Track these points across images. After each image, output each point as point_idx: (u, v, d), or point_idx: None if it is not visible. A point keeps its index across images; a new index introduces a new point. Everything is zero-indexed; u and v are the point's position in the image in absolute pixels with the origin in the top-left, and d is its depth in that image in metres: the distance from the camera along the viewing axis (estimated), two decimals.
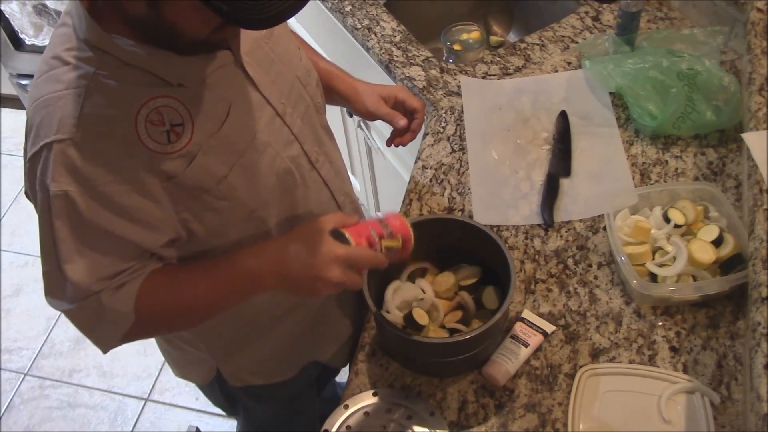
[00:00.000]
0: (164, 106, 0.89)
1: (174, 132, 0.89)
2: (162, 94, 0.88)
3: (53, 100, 0.86)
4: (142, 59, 0.87)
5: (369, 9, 1.74)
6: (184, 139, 0.90)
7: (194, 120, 0.91)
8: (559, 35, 1.62)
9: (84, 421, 2.26)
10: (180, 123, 0.90)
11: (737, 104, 1.32)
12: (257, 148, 0.98)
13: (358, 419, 1.08)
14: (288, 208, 1.08)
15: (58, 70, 0.87)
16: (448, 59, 1.79)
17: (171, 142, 0.89)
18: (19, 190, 2.91)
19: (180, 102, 0.90)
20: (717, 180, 1.31)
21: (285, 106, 1.04)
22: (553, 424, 1.06)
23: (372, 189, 2.24)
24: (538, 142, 1.43)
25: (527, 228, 1.30)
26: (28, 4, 2.46)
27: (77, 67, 0.86)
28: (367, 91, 1.24)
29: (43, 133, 0.87)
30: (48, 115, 0.86)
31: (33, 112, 0.88)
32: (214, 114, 0.94)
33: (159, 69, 0.88)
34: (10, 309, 2.55)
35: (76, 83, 0.85)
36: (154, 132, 0.88)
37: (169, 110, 0.89)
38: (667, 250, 1.17)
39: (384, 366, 1.15)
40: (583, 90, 1.50)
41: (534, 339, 1.13)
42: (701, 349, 1.12)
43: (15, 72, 2.87)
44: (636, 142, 1.40)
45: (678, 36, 1.47)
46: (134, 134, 0.87)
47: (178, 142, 0.90)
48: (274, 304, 1.19)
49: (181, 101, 0.90)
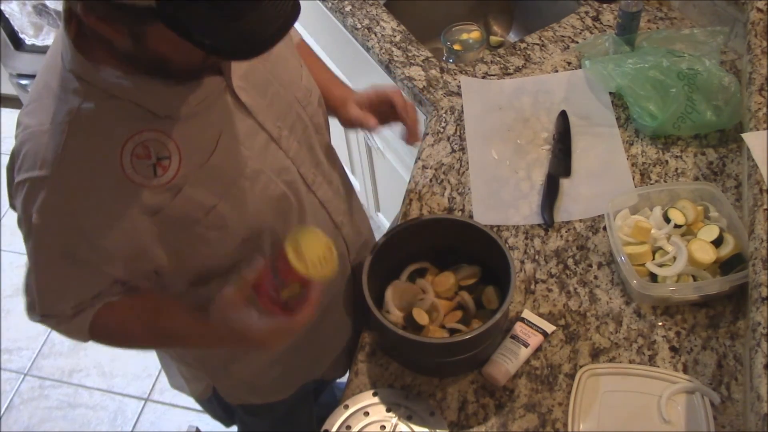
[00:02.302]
0: (151, 140, 0.87)
1: (160, 165, 0.87)
2: (148, 128, 0.86)
3: (37, 134, 0.85)
4: (129, 91, 0.85)
5: (369, 9, 1.74)
6: (171, 172, 0.88)
7: (181, 152, 0.89)
8: (559, 35, 1.62)
9: (84, 421, 2.26)
10: (167, 156, 0.88)
11: (737, 104, 1.32)
12: (249, 176, 0.96)
13: (358, 419, 1.08)
14: (283, 231, 1.05)
15: (45, 102, 0.86)
16: (448, 59, 1.79)
17: (157, 176, 0.87)
18: None
19: (167, 135, 0.88)
20: (717, 180, 1.31)
21: (281, 129, 1.01)
22: (553, 424, 1.06)
23: (372, 189, 2.24)
24: (538, 142, 1.43)
25: (527, 228, 1.30)
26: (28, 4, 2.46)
27: (63, 99, 0.85)
28: (346, 101, 1.19)
29: (26, 165, 0.86)
30: (32, 150, 0.86)
31: (20, 142, 0.88)
32: (203, 144, 0.91)
33: (146, 101, 0.86)
34: (10, 309, 2.55)
35: (60, 118, 0.84)
36: (139, 166, 0.86)
37: (155, 143, 0.87)
38: (667, 250, 1.17)
39: (384, 366, 1.15)
40: (583, 90, 1.50)
41: (534, 339, 1.13)
42: (701, 349, 1.12)
43: (15, 72, 2.87)
44: (636, 142, 1.40)
45: (678, 36, 1.47)
46: (119, 169, 0.85)
47: (164, 175, 0.88)
48: None
49: (168, 134, 0.88)
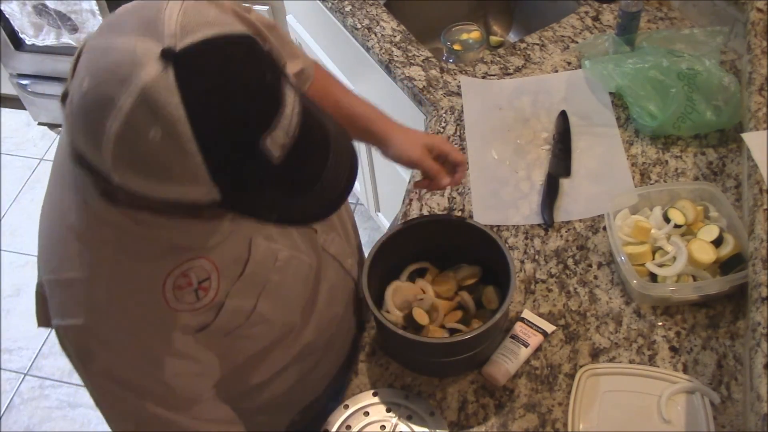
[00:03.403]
0: (189, 268, 0.85)
1: (202, 288, 0.86)
2: (186, 258, 0.84)
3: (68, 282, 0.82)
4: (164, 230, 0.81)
5: (369, 9, 1.74)
6: (212, 292, 0.87)
7: (219, 269, 0.87)
8: (559, 35, 1.62)
9: (84, 421, 2.26)
10: (207, 278, 0.86)
11: (737, 104, 1.32)
12: (280, 268, 0.96)
13: (358, 419, 1.08)
14: (309, 298, 1.06)
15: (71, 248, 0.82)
16: (448, 59, 1.79)
17: (200, 299, 0.86)
18: (19, 190, 2.91)
19: (204, 258, 0.86)
20: (717, 180, 1.31)
21: None
22: (553, 424, 1.06)
23: (372, 189, 2.24)
24: (538, 142, 1.43)
25: (527, 228, 1.30)
26: (28, 4, 2.46)
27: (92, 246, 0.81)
28: (410, 139, 1.16)
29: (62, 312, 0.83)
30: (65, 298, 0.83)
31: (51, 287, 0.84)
32: (237, 255, 0.90)
33: (181, 239, 0.83)
34: (10, 309, 2.54)
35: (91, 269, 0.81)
36: (182, 295, 0.84)
37: (194, 269, 0.85)
38: (667, 250, 1.17)
39: (384, 366, 1.15)
40: (583, 90, 1.50)
41: (534, 339, 1.13)
42: (701, 349, 1.12)
43: (15, 72, 2.87)
44: (636, 142, 1.40)
45: (678, 36, 1.47)
46: (164, 305, 0.83)
47: (206, 296, 0.87)
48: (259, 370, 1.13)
49: (204, 256, 0.86)
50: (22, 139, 3.10)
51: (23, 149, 3.07)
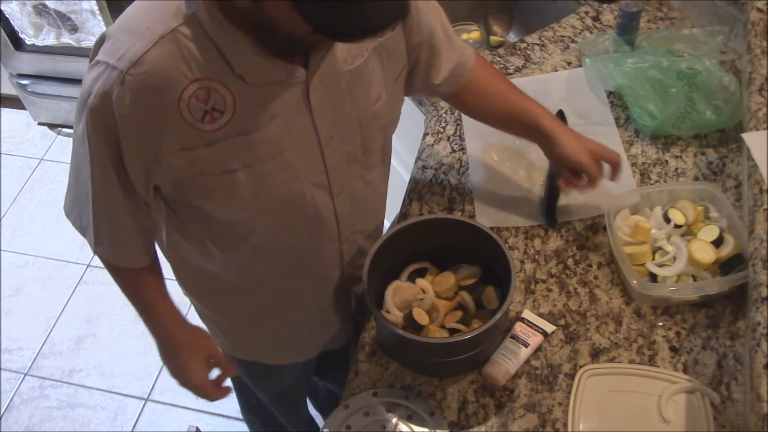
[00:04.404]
0: (215, 89, 0.89)
1: (211, 115, 0.90)
2: (220, 79, 0.89)
3: (132, 31, 0.88)
4: (223, 38, 0.87)
5: None
6: (216, 124, 0.91)
7: (235, 113, 0.91)
8: (559, 35, 1.62)
9: (84, 421, 2.26)
10: (221, 110, 0.90)
11: (737, 104, 1.32)
12: (279, 162, 0.97)
13: (358, 419, 1.08)
14: (286, 224, 1.06)
15: (153, 6, 0.89)
16: None
17: (203, 121, 0.90)
18: (19, 190, 2.91)
19: (231, 93, 0.90)
20: (717, 180, 1.31)
21: (331, 139, 1.01)
22: (553, 424, 1.06)
23: None
24: None
25: (527, 228, 1.30)
26: (28, 4, 2.46)
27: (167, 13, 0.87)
28: (579, 142, 1.20)
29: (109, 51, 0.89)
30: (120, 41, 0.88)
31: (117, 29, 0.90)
32: (257, 118, 0.93)
33: (232, 54, 0.88)
34: (10, 309, 2.55)
35: (156, 28, 0.87)
36: (193, 106, 0.89)
37: (217, 94, 0.89)
38: (667, 250, 1.17)
39: (384, 366, 1.16)
40: (583, 89, 1.50)
41: (534, 339, 1.13)
42: (701, 349, 1.12)
43: (15, 72, 2.87)
44: (636, 142, 1.40)
45: (678, 36, 1.47)
46: (176, 100, 0.88)
47: (210, 124, 0.91)
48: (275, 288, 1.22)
49: (232, 93, 0.90)
50: (22, 139, 3.11)
51: (23, 149, 3.07)
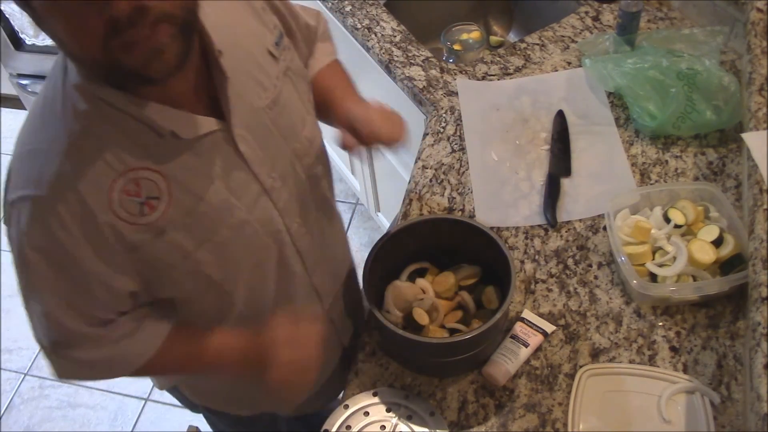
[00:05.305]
0: (144, 178, 0.85)
1: (149, 205, 0.86)
2: (146, 166, 0.85)
3: (34, 153, 0.84)
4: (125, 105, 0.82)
5: (369, 9, 1.74)
6: (157, 213, 0.87)
7: (172, 195, 0.87)
8: (559, 35, 1.62)
9: (84, 421, 2.26)
10: (156, 197, 0.86)
11: (737, 104, 1.32)
12: (234, 226, 0.94)
13: (358, 419, 1.08)
14: (258, 279, 1.04)
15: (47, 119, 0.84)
16: (448, 59, 1.79)
17: (143, 215, 0.86)
18: None
19: (162, 176, 0.86)
20: (717, 180, 1.31)
21: (274, 180, 0.98)
22: (553, 424, 1.06)
23: (372, 189, 2.24)
24: (538, 142, 1.43)
25: (527, 228, 1.30)
26: None
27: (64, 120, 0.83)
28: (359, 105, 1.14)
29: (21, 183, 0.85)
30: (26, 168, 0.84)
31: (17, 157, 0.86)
32: (194, 190, 0.89)
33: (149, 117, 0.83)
34: (10, 309, 2.55)
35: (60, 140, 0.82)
36: (127, 203, 0.85)
37: (148, 183, 0.85)
38: (667, 250, 1.17)
39: (384, 366, 1.16)
40: (583, 89, 1.50)
41: (534, 339, 1.13)
42: (701, 349, 1.12)
43: (15, 72, 2.87)
44: (636, 142, 1.40)
45: (678, 36, 1.47)
46: (107, 202, 0.84)
47: (150, 215, 0.86)
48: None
49: (163, 175, 0.86)
50: None
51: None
